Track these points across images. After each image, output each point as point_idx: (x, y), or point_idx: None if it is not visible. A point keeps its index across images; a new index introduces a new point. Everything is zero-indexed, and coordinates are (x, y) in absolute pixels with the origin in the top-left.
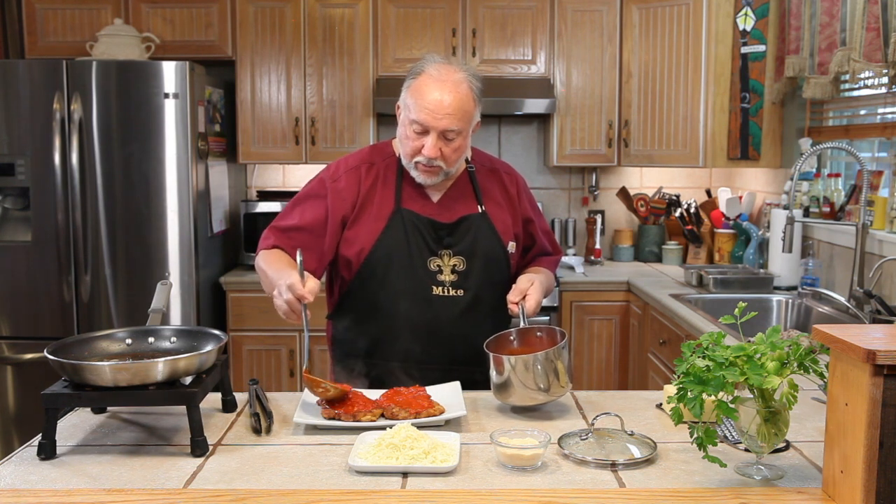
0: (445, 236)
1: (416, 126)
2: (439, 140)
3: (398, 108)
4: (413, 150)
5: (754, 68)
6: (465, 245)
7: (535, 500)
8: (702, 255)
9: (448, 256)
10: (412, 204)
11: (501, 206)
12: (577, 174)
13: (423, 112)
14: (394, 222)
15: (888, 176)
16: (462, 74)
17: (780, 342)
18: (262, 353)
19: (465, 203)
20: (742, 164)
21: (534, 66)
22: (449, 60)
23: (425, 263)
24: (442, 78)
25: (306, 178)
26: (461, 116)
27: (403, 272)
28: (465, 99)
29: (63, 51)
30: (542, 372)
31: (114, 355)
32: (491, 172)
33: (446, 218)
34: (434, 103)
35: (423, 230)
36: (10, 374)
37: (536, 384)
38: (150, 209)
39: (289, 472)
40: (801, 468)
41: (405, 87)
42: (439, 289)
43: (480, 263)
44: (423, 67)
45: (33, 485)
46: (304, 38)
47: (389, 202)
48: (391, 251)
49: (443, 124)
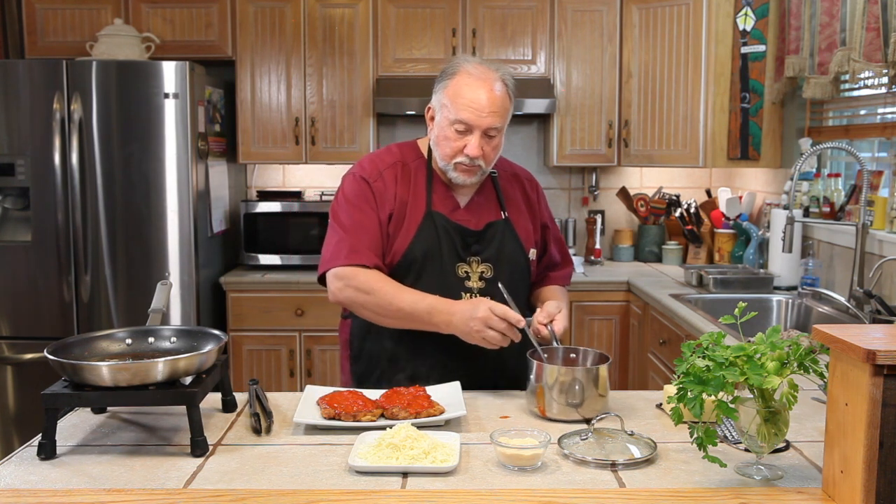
0: (473, 243)
1: (460, 125)
2: (481, 139)
3: (429, 109)
4: (455, 150)
5: (754, 68)
6: (491, 252)
7: (535, 500)
8: (702, 255)
9: (476, 263)
10: (442, 208)
11: (523, 212)
12: (577, 174)
13: (466, 111)
14: (426, 226)
15: (888, 176)
16: (497, 73)
17: (780, 342)
18: (262, 353)
19: (489, 209)
20: (742, 164)
21: (534, 66)
22: (480, 59)
23: (454, 269)
24: (482, 76)
25: (306, 178)
26: (502, 113)
27: (434, 277)
28: (504, 96)
29: (63, 51)
30: (582, 387)
31: (114, 355)
32: (513, 178)
33: (474, 224)
34: (477, 102)
35: (454, 235)
36: (10, 374)
37: (576, 397)
38: (150, 209)
39: (289, 472)
40: (801, 468)
41: (440, 88)
42: (467, 295)
43: (507, 270)
44: (459, 66)
45: (33, 485)
46: (304, 38)
47: (421, 205)
48: (424, 255)
49: (486, 122)
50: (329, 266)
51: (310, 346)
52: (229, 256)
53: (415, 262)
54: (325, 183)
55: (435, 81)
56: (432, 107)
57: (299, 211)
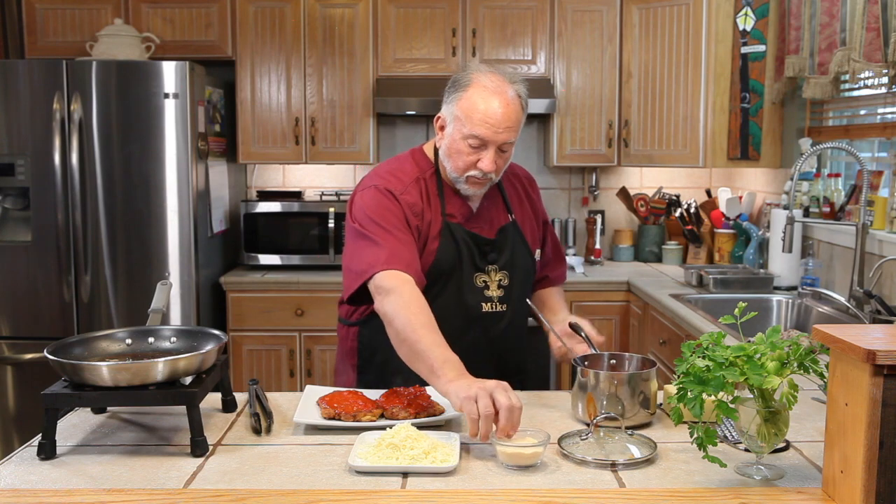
0: (489, 252)
1: (474, 140)
2: (495, 153)
3: (439, 119)
4: (467, 164)
5: (754, 68)
6: (506, 259)
7: (535, 500)
8: (702, 255)
9: (494, 272)
10: (456, 217)
11: (527, 212)
12: (577, 174)
13: (481, 126)
14: (444, 238)
15: (888, 176)
16: (512, 85)
17: (780, 342)
18: (262, 353)
19: (497, 212)
20: (742, 164)
21: (534, 66)
22: (493, 68)
23: (473, 280)
24: (497, 89)
25: (306, 178)
26: (517, 128)
27: (456, 290)
28: (519, 110)
29: (63, 51)
30: (630, 392)
31: (114, 355)
32: (514, 178)
33: (487, 232)
34: (493, 117)
35: (471, 245)
36: (10, 374)
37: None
38: (150, 209)
39: (289, 472)
40: (801, 468)
41: (453, 99)
42: (488, 305)
43: (520, 276)
44: (472, 78)
45: (33, 485)
46: (304, 38)
47: (437, 217)
48: (447, 269)
49: (502, 138)
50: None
51: (310, 346)
52: (229, 256)
53: (440, 277)
54: (325, 183)
55: (445, 91)
56: (443, 117)
57: (299, 211)
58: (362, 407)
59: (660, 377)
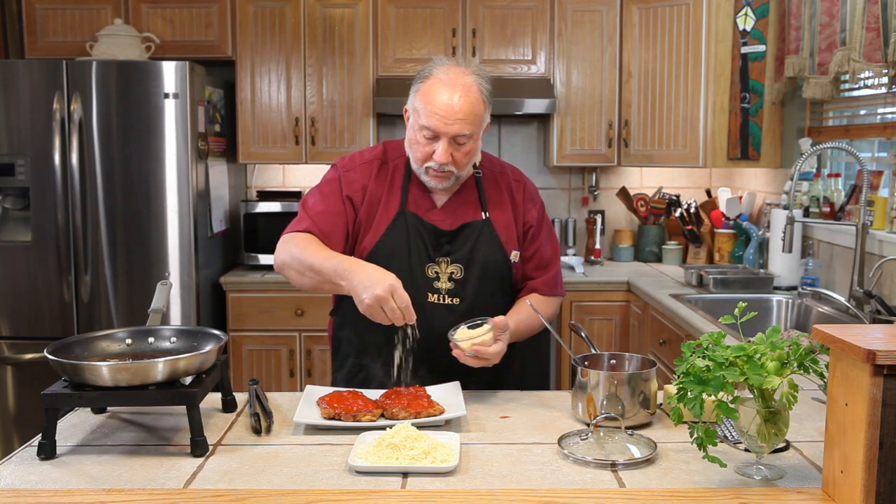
0: (445, 243)
1: (427, 132)
2: (450, 145)
3: (406, 111)
4: (424, 155)
5: (754, 68)
6: (463, 253)
7: (535, 500)
8: (702, 255)
9: (446, 264)
10: (417, 207)
11: (507, 212)
12: (577, 174)
13: (433, 118)
14: (397, 225)
15: (888, 176)
16: (471, 77)
17: (780, 342)
18: (262, 353)
19: (468, 209)
20: (742, 164)
21: (534, 66)
22: (457, 62)
23: (423, 269)
24: (452, 81)
25: (306, 178)
26: (472, 120)
27: (402, 276)
28: (475, 102)
29: (63, 51)
30: (630, 392)
31: (114, 355)
32: (499, 177)
33: (448, 225)
34: (444, 108)
35: (425, 235)
36: (10, 374)
37: (628, 402)
38: (150, 209)
39: (289, 472)
40: (801, 468)
41: (413, 90)
42: (435, 296)
43: (478, 272)
44: (431, 70)
45: (33, 485)
46: (304, 39)
47: (395, 204)
48: (392, 254)
49: (454, 129)
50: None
51: (310, 346)
52: (229, 256)
53: (382, 261)
54: None
55: (412, 82)
56: (407, 109)
57: None
58: (362, 407)
59: (660, 377)
